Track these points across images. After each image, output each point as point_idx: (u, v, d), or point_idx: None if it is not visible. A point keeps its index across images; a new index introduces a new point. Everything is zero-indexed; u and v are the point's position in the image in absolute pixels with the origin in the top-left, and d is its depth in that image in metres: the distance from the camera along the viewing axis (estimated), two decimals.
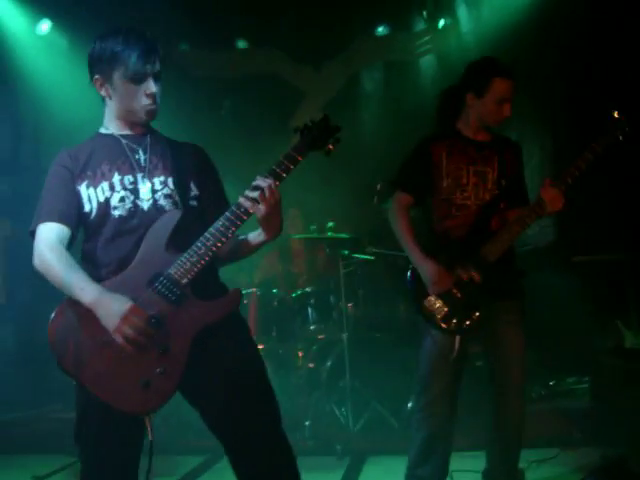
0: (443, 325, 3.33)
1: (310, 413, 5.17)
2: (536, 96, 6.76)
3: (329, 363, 5.30)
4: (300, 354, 5.63)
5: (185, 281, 2.42)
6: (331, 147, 2.62)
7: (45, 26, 7.12)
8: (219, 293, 2.54)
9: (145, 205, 2.55)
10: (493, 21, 6.72)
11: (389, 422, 5.05)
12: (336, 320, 5.37)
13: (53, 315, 2.38)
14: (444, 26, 7.06)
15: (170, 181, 2.60)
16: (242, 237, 2.69)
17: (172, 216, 2.53)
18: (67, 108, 6.34)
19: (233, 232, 2.46)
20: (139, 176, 2.58)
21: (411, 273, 3.44)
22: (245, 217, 2.47)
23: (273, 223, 2.55)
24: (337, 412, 5.19)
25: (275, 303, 5.56)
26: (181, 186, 2.62)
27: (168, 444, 5.10)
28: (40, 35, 7.11)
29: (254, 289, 5.63)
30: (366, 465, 4.63)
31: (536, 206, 3.30)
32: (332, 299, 5.43)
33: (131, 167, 2.59)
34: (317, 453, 4.85)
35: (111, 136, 2.65)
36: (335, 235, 5.40)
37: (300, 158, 2.52)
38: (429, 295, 3.34)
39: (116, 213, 2.53)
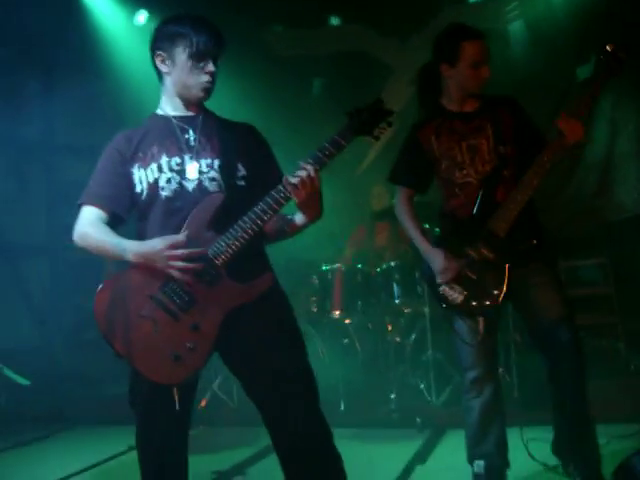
0: (464, 309, 3.26)
1: (395, 386, 5.26)
2: (630, 62, 6.46)
3: (413, 337, 5.35)
4: (389, 327, 5.71)
5: (220, 262, 2.53)
6: (382, 131, 2.63)
7: (142, 17, 7.40)
8: (254, 276, 2.61)
9: (190, 186, 2.66)
10: None
11: None
12: (420, 294, 5.38)
13: (99, 288, 2.56)
14: None
15: (216, 163, 2.70)
16: (289, 217, 2.77)
17: (215, 198, 2.63)
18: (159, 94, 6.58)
19: (270, 216, 2.55)
20: (186, 157, 2.69)
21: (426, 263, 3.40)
22: (284, 202, 2.55)
23: (312, 208, 2.64)
24: (421, 385, 5.25)
25: (359, 278, 5.62)
26: (228, 167, 2.71)
27: (251, 415, 5.42)
28: (138, 26, 7.38)
29: (339, 264, 5.73)
30: (444, 438, 4.68)
31: (555, 143, 3.13)
32: (416, 273, 5.43)
33: (179, 148, 2.71)
34: (401, 425, 4.97)
35: (164, 117, 2.79)
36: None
37: (344, 143, 2.55)
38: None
39: (163, 194, 2.67)
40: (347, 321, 5.65)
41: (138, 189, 2.71)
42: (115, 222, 2.74)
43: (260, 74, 7.36)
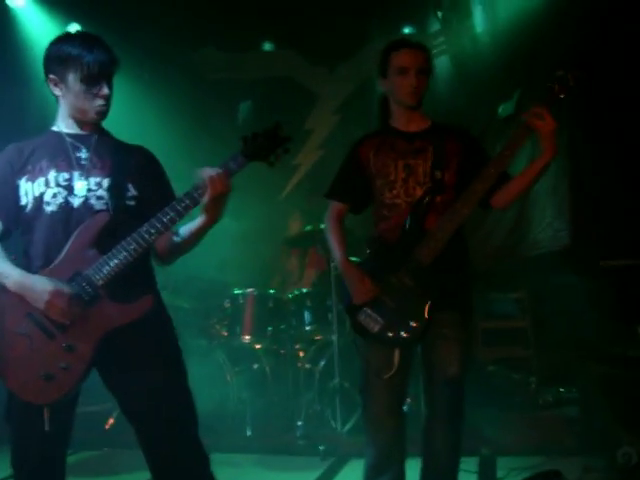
0: (380, 338, 3.10)
1: (303, 413, 5.22)
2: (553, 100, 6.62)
3: (322, 364, 5.32)
4: (301, 354, 5.68)
5: (100, 282, 2.49)
6: (278, 158, 2.61)
7: (74, 29, 7.31)
8: (135, 297, 2.57)
9: (76, 202, 2.63)
10: (508, 21, 6.64)
11: None
12: (331, 321, 5.37)
13: None
14: (459, 26, 6.99)
15: (106, 182, 2.67)
16: (182, 233, 2.73)
17: (101, 217, 2.60)
18: None
19: (154, 236, 2.53)
20: (76, 174, 2.66)
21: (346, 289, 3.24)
22: (169, 225, 2.54)
23: (218, 209, 2.63)
24: (327, 413, 5.21)
25: (271, 303, 5.62)
26: (117, 187, 2.69)
27: None
28: None
29: (251, 289, 5.69)
30: (346, 466, 4.63)
31: (508, 143, 3.00)
32: (328, 300, 5.42)
33: (69, 165, 2.68)
34: (305, 453, 4.91)
35: (58, 134, 2.75)
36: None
37: (235, 167, 2.56)
38: (363, 307, 3.12)
39: (48, 209, 2.62)
40: (257, 346, 5.61)
41: (23, 202, 2.66)
42: (2, 234, 2.68)
43: (186, 96, 7.35)
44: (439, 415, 3.22)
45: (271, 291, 5.70)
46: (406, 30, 7.25)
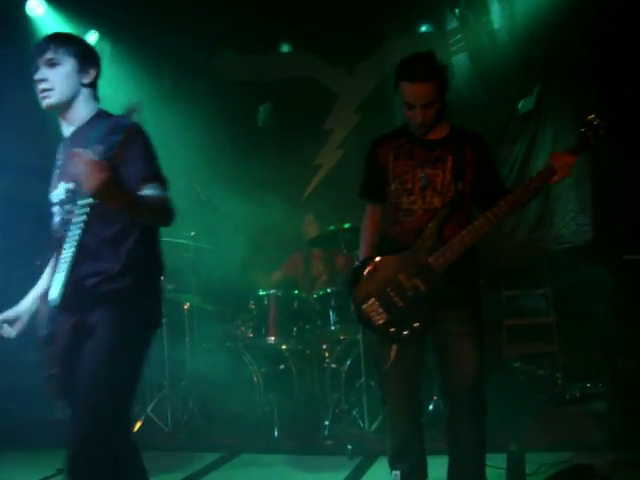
0: (381, 332, 3.23)
1: (330, 413, 5.26)
2: (571, 92, 6.62)
3: (348, 363, 5.33)
4: (327, 354, 5.70)
5: None
6: None
7: (93, 37, 7.37)
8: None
9: None
10: (526, 16, 6.63)
11: None
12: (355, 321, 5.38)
13: None
14: (476, 23, 6.98)
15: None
16: None
17: None
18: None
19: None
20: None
21: (351, 277, 3.35)
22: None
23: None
24: (354, 413, 5.23)
25: (295, 304, 5.64)
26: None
27: (185, 440, 5.40)
28: None
29: (274, 290, 5.72)
30: (374, 465, 4.63)
31: (537, 178, 3.13)
32: None
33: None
34: (333, 453, 4.94)
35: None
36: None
37: None
38: (370, 297, 3.23)
39: None
40: (283, 347, 5.63)
41: None
42: None
43: (207, 99, 7.40)
44: (460, 412, 3.30)
45: (295, 292, 5.72)
46: (423, 28, 7.28)
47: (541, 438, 4.86)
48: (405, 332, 3.17)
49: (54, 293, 2.50)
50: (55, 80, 2.70)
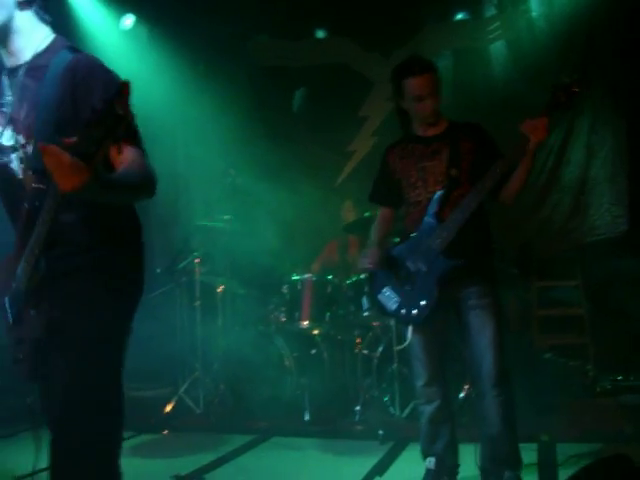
0: (395, 316, 3.63)
1: (360, 398, 5.30)
2: (609, 82, 6.56)
3: (380, 349, 5.35)
4: (359, 340, 5.72)
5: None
6: None
7: (129, 21, 7.41)
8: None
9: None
10: (564, 4, 6.58)
11: None
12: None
13: None
14: (514, 11, 6.92)
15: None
16: None
17: None
18: (142, 97, 6.62)
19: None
20: None
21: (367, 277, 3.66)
22: None
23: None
24: (385, 399, 5.25)
25: (329, 289, 5.65)
26: None
27: (216, 422, 5.47)
28: (124, 30, 7.38)
29: (309, 275, 5.76)
30: (405, 450, 4.66)
31: (514, 150, 3.30)
32: None
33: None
34: (364, 437, 4.98)
35: None
36: None
37: None
38: (384, 288, 3.57)
39: None
40: (315, 332, 5.66)
41: None
42: None
43: (241, 85, 7.43)
44: (483, 384, 3.44)
45: (329, 277, 5.72)
46: (460, 15, 7.21)
47: (571, 429, 4.86)
48: (414, 311, 3.43)
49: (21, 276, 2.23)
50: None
